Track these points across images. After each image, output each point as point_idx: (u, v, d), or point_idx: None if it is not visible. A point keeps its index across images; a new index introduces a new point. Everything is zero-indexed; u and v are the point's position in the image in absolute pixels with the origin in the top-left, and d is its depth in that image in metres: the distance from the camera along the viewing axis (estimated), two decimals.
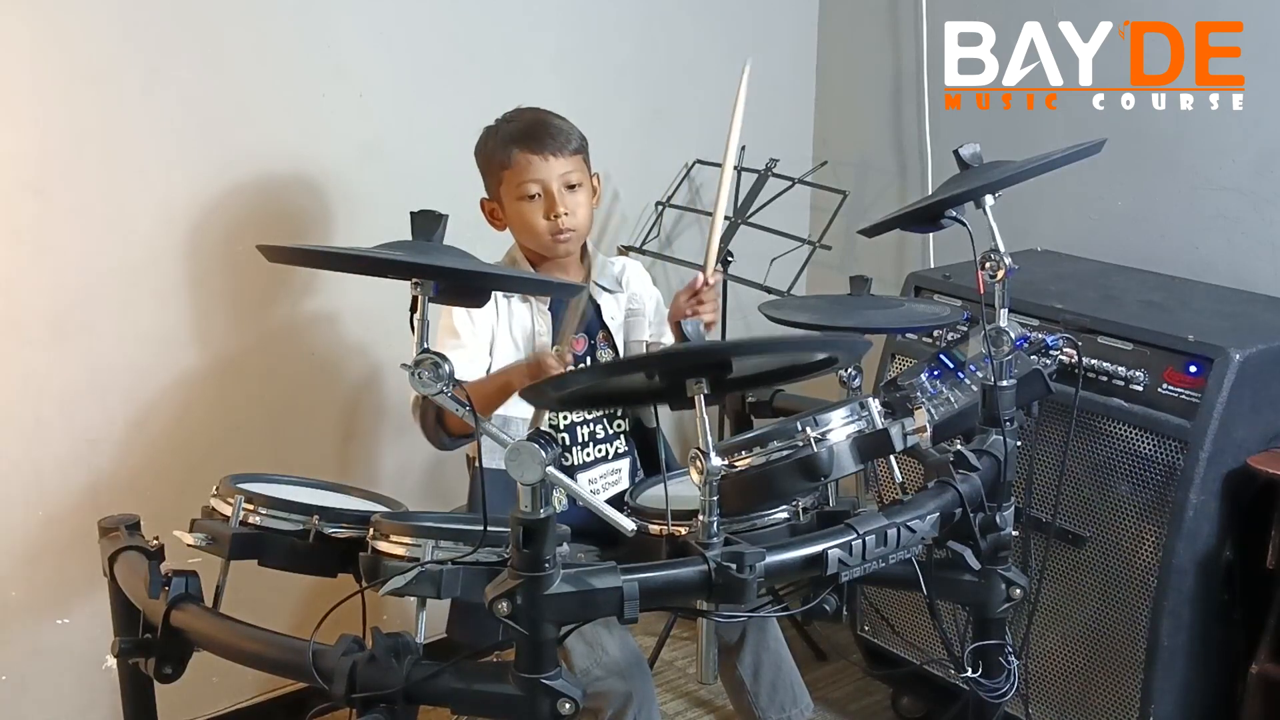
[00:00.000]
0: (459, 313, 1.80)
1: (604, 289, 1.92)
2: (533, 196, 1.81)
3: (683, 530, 1.37)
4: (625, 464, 1.92)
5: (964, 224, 1.57)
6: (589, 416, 1.88)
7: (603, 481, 1.88)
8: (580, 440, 1.87)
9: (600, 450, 1.89)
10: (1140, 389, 1.86)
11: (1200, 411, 1.78)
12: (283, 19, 2.09)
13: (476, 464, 1.82)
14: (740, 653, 1.86)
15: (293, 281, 2.20)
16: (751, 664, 1.86)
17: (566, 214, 1.80)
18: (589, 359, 1.89)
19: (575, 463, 1.86)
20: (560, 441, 1.84)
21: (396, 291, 1.43)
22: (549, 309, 1.86)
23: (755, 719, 1.87)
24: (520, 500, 1.16)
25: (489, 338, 1.82)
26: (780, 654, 1.89)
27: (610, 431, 1.90)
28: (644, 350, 1.89)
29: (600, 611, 1.20)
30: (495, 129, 1.86)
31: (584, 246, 1.92)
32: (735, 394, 1.97)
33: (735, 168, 2.55)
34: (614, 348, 1.91)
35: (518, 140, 1.81)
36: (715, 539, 1.24)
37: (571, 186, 1.82)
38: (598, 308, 1.90)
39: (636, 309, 1.96)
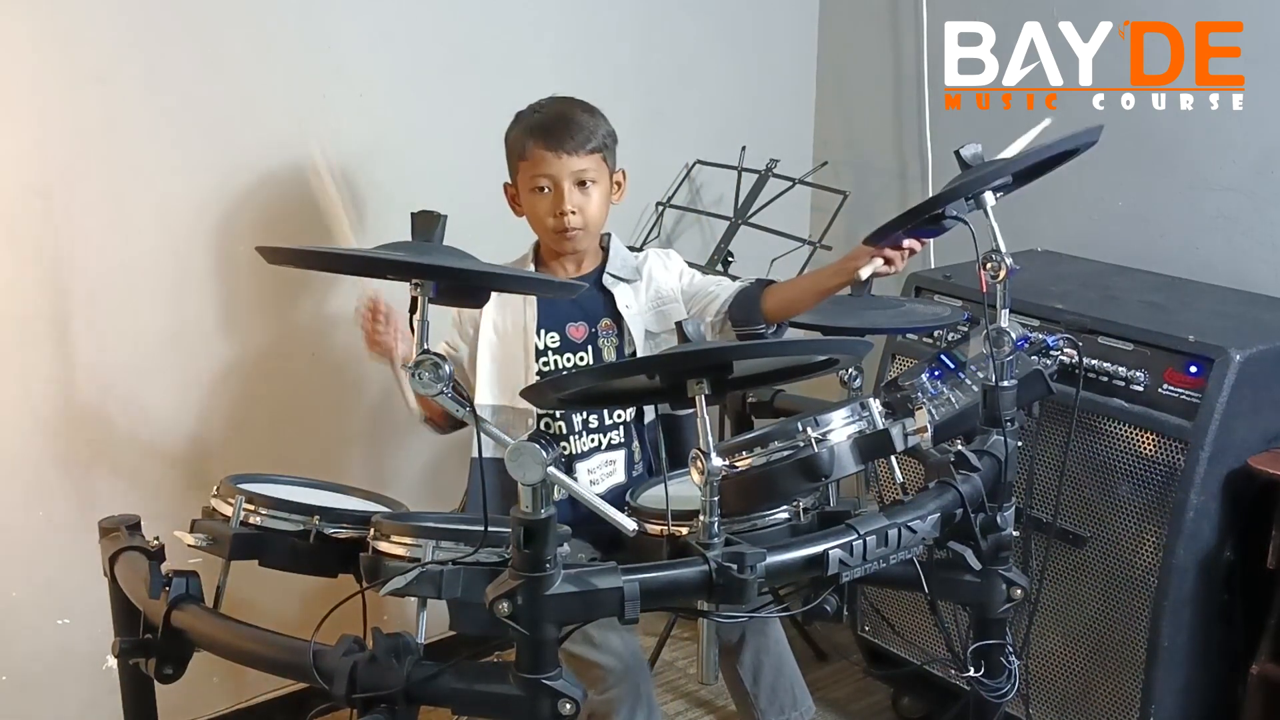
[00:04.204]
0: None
1: (619, 278, 1.91)
2: (542, 190, 1.81)
3: (683, 530, 1.37)
4: (621, 455, 1.90)
5: (966, 223, 1.57)
6: None
7: (600, 472, 1.87)
8: (576, 429, 1.86)
9: (594, 440, 1.87)
10: (1141, 389, 1.86)
11: (1201, 412, 1.78)
12: (283, 19, 2.09)
13: (474, 456, 1.82)
14: (741, 654, 1.86)
15: (293, 282, 2.20)
16: (752, 665, 1.86)
17: (573, 212, 1.80)
18: (590, 346, 1.88)
19: (573, 451, 1.85)
20: (558, 430, 1.85)
21: (396, 293, 1.43)
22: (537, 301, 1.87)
23: None
24: (520, 500, 1.16)
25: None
26: (781, 655, 1.89)
27: (608, 421, 1.89)
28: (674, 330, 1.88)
29: (601, 611, 1.20)
30: (523, 116, 1.87)
31: (609, 238, 1.92)
32: (736, 394, 1.97)
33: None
34: (620, 336, 1.89)
35: (535, 133, 1.81)
36: (716, 539, 1.24)
37: (583, 184, 1.82)
38: (610, 297, 1.90)
39: (667, 297, 1.92)
